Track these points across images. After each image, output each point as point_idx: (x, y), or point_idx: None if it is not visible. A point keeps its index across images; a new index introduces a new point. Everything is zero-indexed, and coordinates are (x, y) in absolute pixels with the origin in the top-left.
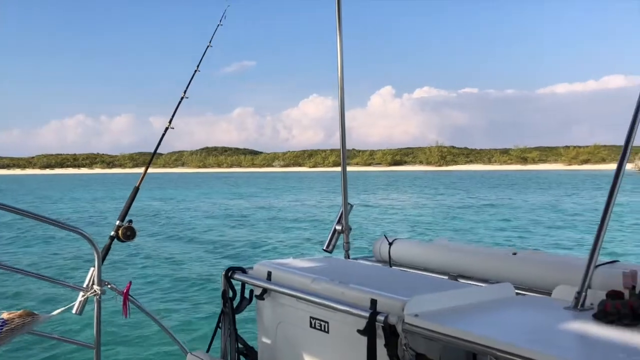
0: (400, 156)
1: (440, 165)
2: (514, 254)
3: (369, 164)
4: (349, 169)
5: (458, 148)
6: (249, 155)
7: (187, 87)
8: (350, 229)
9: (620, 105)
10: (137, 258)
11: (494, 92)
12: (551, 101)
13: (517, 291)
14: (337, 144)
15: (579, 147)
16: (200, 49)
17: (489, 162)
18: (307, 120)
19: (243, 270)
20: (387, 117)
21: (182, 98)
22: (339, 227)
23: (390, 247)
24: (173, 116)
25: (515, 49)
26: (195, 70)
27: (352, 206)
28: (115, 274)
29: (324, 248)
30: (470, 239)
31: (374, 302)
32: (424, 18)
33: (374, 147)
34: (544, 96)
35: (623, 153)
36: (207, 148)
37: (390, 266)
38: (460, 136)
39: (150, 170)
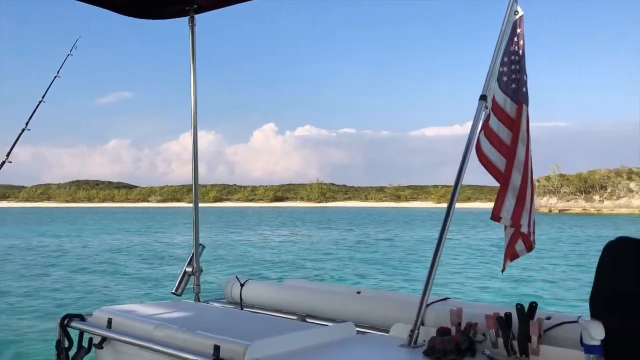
0: (282, 192)
1: (320, 202)
2: (358, 293)
3: (251, 200)
4: (230, 205)
5: (337, 185)
6: (124, 189)
7: (30, 119)
8: (202, 271)
9: None
10: None
11: (371, 133)
12: (422, 143)
13: (359, 329)
14: (219, 179)
15: (447, 186)
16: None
17: (366, 199)
18: (189, 154)
19: (81, 318)
20: (269, 153)
21: (23, 130)
22: (189, 269)
23: (242, 289)
24: (12, 149)
25: (391, 92)
26: (40, 101)
27: (203, 247)
28: None
29: (173, 292)
30: (327, 278)
31: (217, 349)
32: (305, 62)
33: (256, 183)
34: (415, 139)
35: (452, 196)
36: (77, 182)
37: (242, 308)
38: (340, 174)
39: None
